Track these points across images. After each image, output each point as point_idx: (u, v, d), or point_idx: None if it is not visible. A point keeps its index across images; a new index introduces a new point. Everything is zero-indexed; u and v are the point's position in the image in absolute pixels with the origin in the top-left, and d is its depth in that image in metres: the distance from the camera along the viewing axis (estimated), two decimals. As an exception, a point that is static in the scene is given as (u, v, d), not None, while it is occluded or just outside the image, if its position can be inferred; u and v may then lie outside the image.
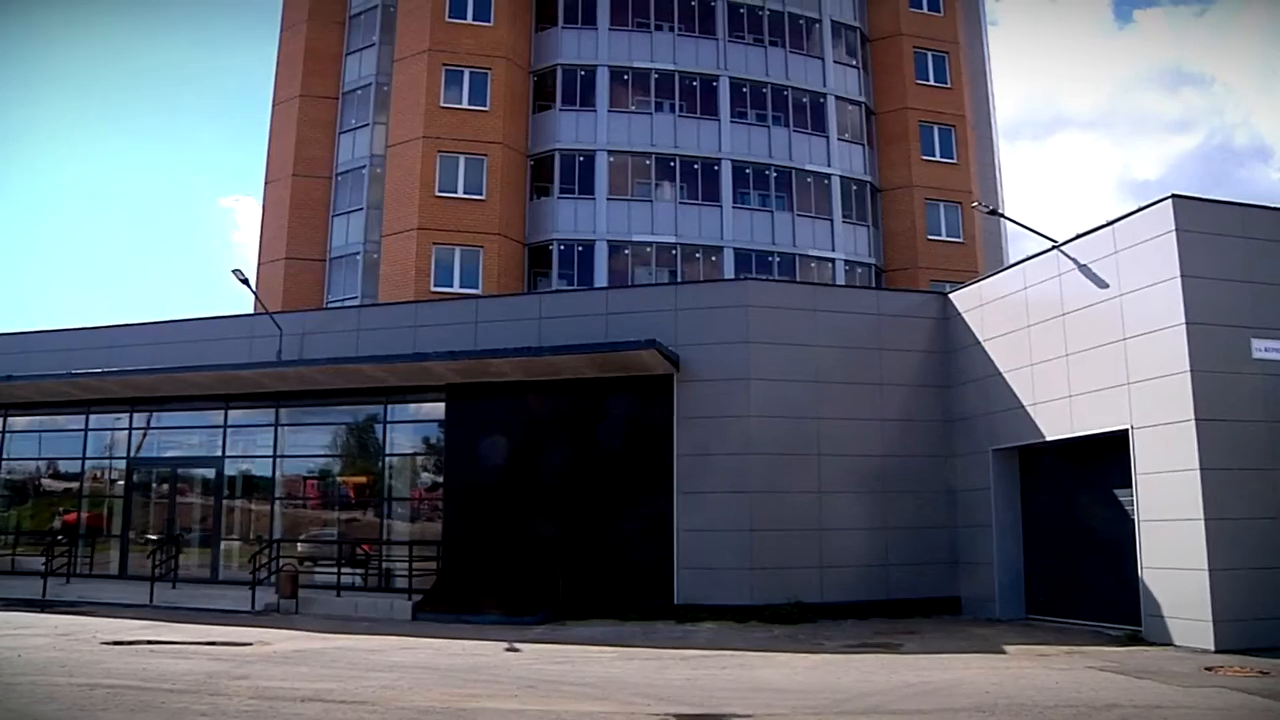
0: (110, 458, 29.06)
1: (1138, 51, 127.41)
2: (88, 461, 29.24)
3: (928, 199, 40.73)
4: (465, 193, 36.98)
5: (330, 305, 37.82)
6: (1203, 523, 16.32)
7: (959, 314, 23.93)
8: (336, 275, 39.14)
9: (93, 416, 29.04)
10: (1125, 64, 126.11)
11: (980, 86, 44.36)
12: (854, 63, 42.67)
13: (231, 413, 27.60)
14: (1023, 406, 21.33)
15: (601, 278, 37.22)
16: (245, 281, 27.92)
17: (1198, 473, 16.47)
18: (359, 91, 40.89)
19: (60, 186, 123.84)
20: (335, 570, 24.68)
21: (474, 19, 38.62)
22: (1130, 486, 18.08)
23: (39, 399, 29.05)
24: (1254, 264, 17.57)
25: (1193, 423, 16.65)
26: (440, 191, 36.75)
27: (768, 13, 41.57)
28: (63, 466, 29.95)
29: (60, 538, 28.06)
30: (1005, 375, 22.00)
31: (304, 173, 40.02)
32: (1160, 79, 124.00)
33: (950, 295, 24.63)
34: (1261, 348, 17.12)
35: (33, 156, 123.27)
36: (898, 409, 23.64)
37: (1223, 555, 16.25)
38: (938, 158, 41.46)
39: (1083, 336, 19.64)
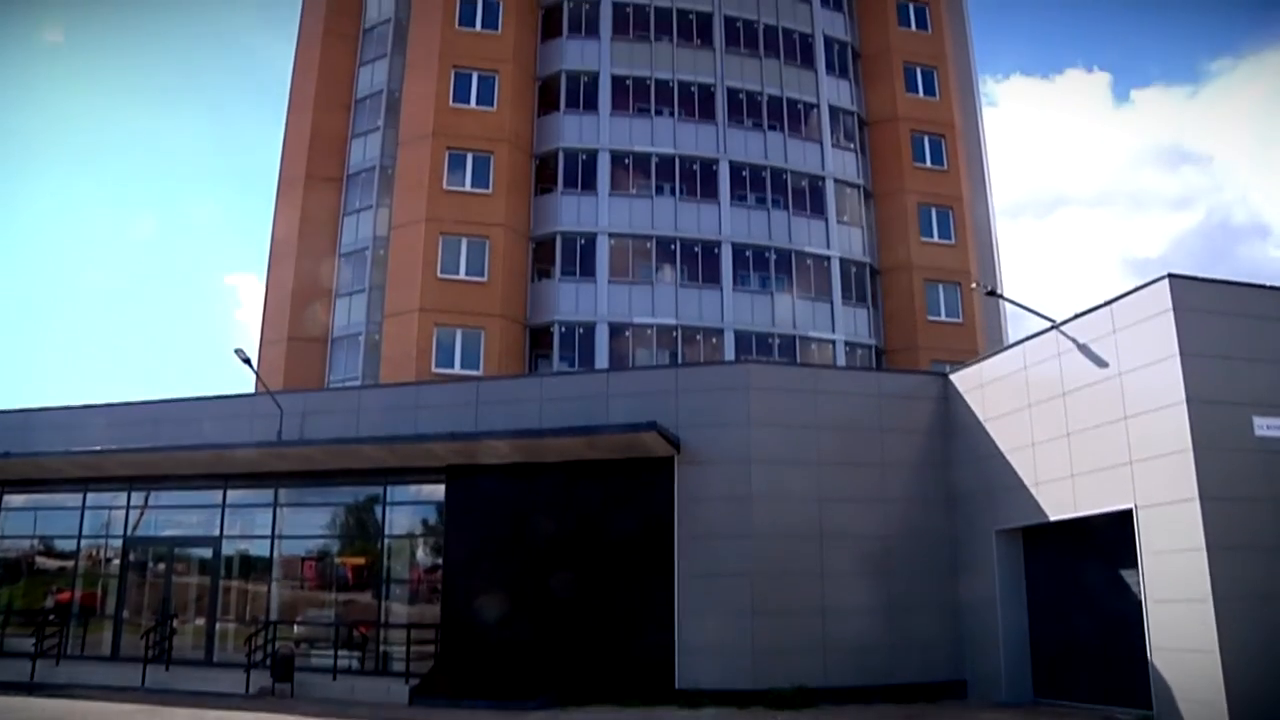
0: (106, 536, 28.76)
1: (1136, 130, 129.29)
2: (83, 540, 28.90)
3: (927, 280, 40.98)
4: (467, 274, 37.21)
5: (332, 385, 37.89)
6: (1212, 603, 16.10)
7: (960, 394, 23.91)
8: (338, 355, 39.25)
9: (90, 494, 28.84)
10: (1125, 142, 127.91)
11: (977, 167, 44.89)
12: (852, 146, 43.24)
13: (230, 492, 27.42)
14: (1025, 487, 21.21)
15: (602, 359, 37.28)
16: (247, 361, 27.95)
17: (1204, 552, 16.30)
18: (363, 174, 41.46)
19: (64, 261, 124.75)
20: (332, 653, 24.33)
21: (477, 103, 39.24)
22: (1137, 566, 17.90)
23: (36, 476, 28.87)
24: (1253, 342, 17.60)
25: (1197, 501, 16.52)
26: (442, 273, 36.99)
27: (766, 97, 42.22)
28: (58, 544, 29.61)
29: (52, 617, 27.71)
30: (1007, 455, 21.91)
31: (308, 253, 40.41)
32: (1159, 157, 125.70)
33: (951, 376, 24.62)
34: (1263, 425, 17.07)
35: (35, 230, 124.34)
36: (900, 490, 23.49)
37: (1234, 636, 16.01)
38: (936, 239, 41.81)
39: (1084, 416, 19.60)
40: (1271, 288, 18.37)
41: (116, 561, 28.46)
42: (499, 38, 40.33)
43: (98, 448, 26.48)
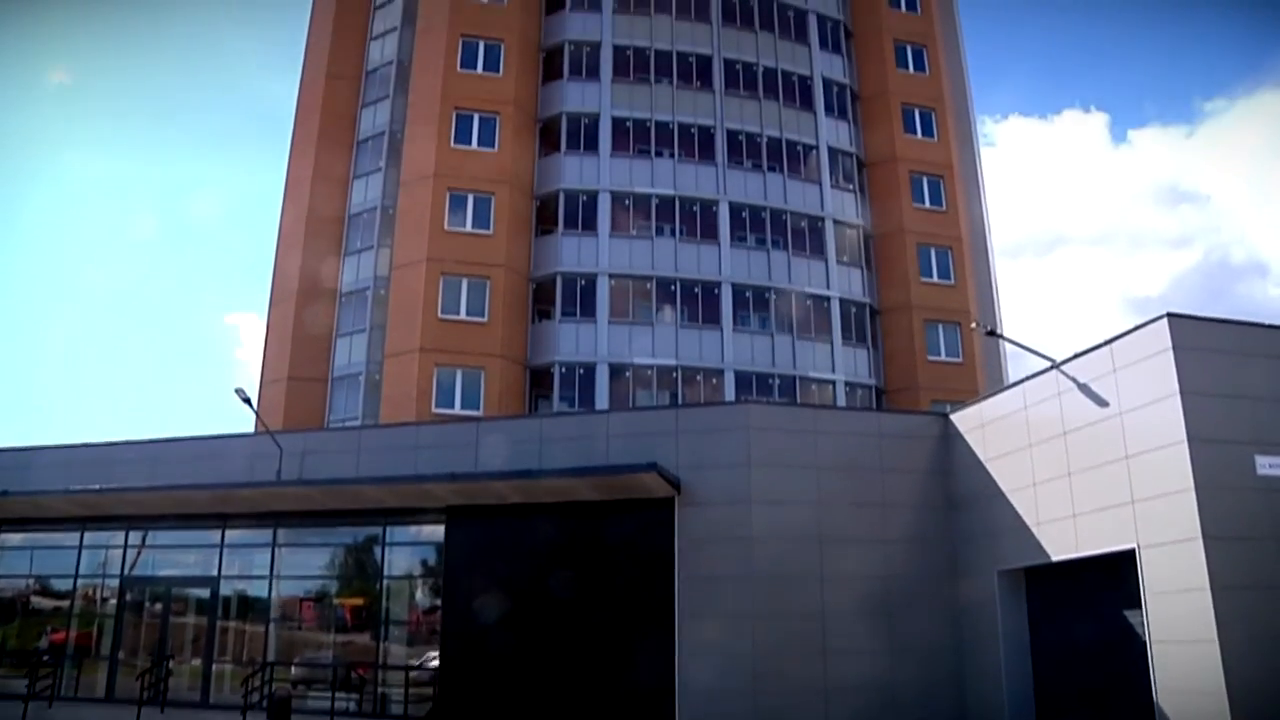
0: (103, 576, 28.64)
1: (1134, 170, 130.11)
2: (80, 579, 28.78)
3: (927, 320, 41.00)
4: (468, 315, 37.25)
5: (331, 425, 37.83)
6: (1218, 644, 15.98)
7: (960, 434, 23.87)
8: (338, 395, 39.23)
9: (88, 533, 28.73)
10: (1123, 182, 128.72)
11: (976, 207, 45.06)
12: (851, 187, 43.43)
13: (229, 532, 27.33)
14: (1027, 527, 21.12)
15: (603, 400, 37.24)
16: (247, 401, 27.95)
17: (1208, 592, 16.21)
18: (365, 214, 41.64)
19: (64, 299, 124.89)
20: (330, 695, 24.12)
21: (479, 145, 39.47)
22: (1141, 607, 17.78)
23: (34, 514, 28.78)
24: (1254, 380, 17.60)
25: (1200, 541, 16.45)
26: (443, 314, 37.02)
27: (766, 139, 42.46)
28: (53, 584, 29.45)
29: (46, 658, 27.49)
30: (1008, 495, 21.84)
31: (309, 293, 40.48)
32: (1158, 196, 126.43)
33: (951, 416, 24.58)
34: (1265, 464, 17.03)
35: (35, 268, 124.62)
36: (901, 530, 23.40)
37: (1241, 677, 15.87)
38: (935, 279, 41.87)
39: (1085, 455, 19.56)
40: (1271, 326, 18.39)
41: (113, 601, 28.33)
42: (500, 80, 40.63)
43: (96, 487, 26.42)
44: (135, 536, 28.38)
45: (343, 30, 45.31)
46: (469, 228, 38.37)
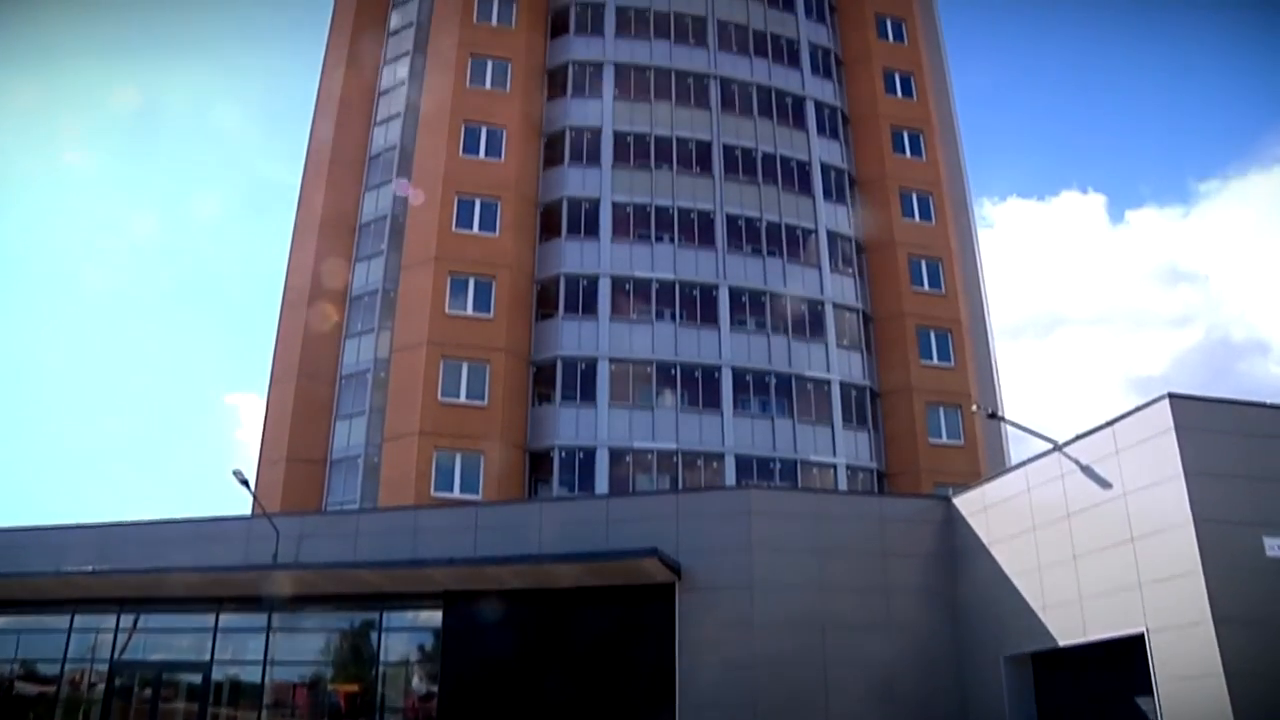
0: (92, 660, 28.07)
1: (1133, 250, 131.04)
2: (68, 664, 28.21)
3: (927, 403, 40.87)
4: (468, 398, 37.19)
5: (329, 508, 37.58)
6: (1232, 731, 15.67)
7: (963, 517, 23.69)
8: (337, 478, 39.01)
9: (78, 616, 28.23)
10: (1122, 262, 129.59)
11: (975, 289, 45.24)
12: (850, 271, 43.64)
13: (223, 616, 26.93)
14: (1033, 611, 20.84)
15: (603, 484, 37.00)
16: (245, 483, 27.74)
17: (1222, 678, 15.92)
18: (366, 297, 41.81)
19: (62, 376, 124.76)
20: (322, 785, 23.63)
21: (480, 229, 39.75)
22: (1153, 693, 17.45)
23: (23, 596, 28.35)
24: (1258, 461, 17.49)
25: (1211, 625, 16.19)
26: (443, 397, 36.96)
27: (765, 223, 42.78)
28: (40, 669, 28.88)
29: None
30: (1013, 579, 21.59)
31: (309, 375, 40.48)
32: (1157, 276, 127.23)
33: (954, 499, 24.44)
34: (1274, 546, 16.83)
35: (32, 340, 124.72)
36: (905, 615, 23.12)
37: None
38: (935, 362, 41.84)
39: (1090, 538, 19.37)
40: (1274, 406, 18.34)
41: (101, 686, 27.74)
42: (502, 165, 41.09)
43: (89, 568, 26.14)
44: (127, 619, 27.95)
45: (347, 115, 45.97)
46: (470, 311, 38.49)
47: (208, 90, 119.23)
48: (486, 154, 41.27)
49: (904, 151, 46.12)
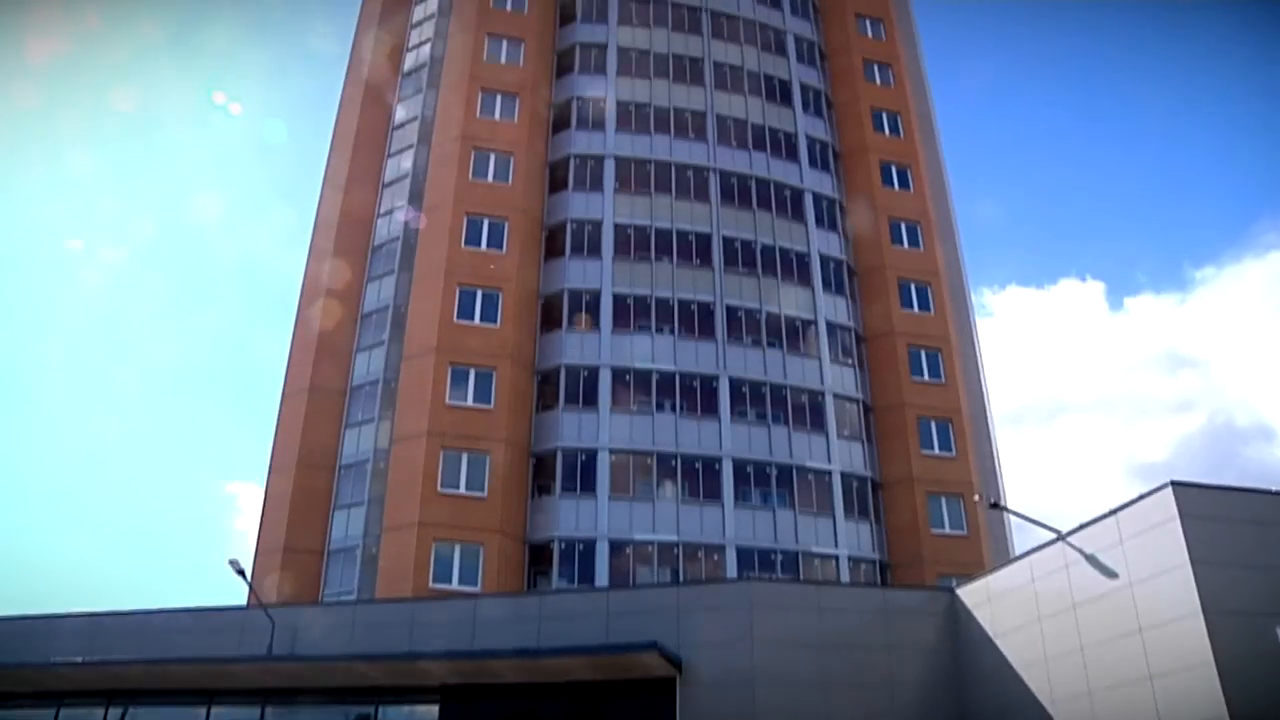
0: (80, 756, 27.46)
1: (1133, 336, 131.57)
2: (54, 761, 27.59)
3: (929, 493, 40.63)
4: (467, 489, 37.03)
5: (326, 599, 37.14)
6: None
7: (968, 609, 23.42)
8: (334, 568, 38.60)
9: (64, 710, 27.47)
10: (1123, 349, 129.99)
11: (975, 378, 45.28)
12: (850, 361, 43.73)
13: (215, 709, 26.35)
14: (1041, 704, 20.48)
15: (603, 577, 36.65)
16: (241, 573, 27.43)
17: (1239, 774, 15.59)
18: (366, 387, 41.79)
19: (61, 458, 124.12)
20: None
21: (481, 320, 39.94)
22: (1166, 790, 17.07)
23: (8, 689, 27.66)
24: (1267, 549, 17.32)
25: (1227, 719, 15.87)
26: (442, 488, 36.78)
27: (765, 315, 43.00)
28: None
29: None
30: (1020, 671, 21.25)
31: (308, 464, 40.30)
32: (1158, 362, 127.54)
33: (957, 590, 24.19)
34: (1286, 637, 16.59)
35: (31, 427, 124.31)
36: (910, 710, 22.75)
37: None
38: (937, 451, 41.68)
39: (1097, 629, 19.11)
40: (1278, 493, 18.22)
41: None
42: (503, 256, 41.46)
43: (78, 659, 25.67)
44: (115, 712, 27.30)
45: (350, 207, 46.45)
46: (470, 402, 38.51)
47: (218, 186, 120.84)
48: (488, 245, 41.68)
49: (901, 243, 46.60)
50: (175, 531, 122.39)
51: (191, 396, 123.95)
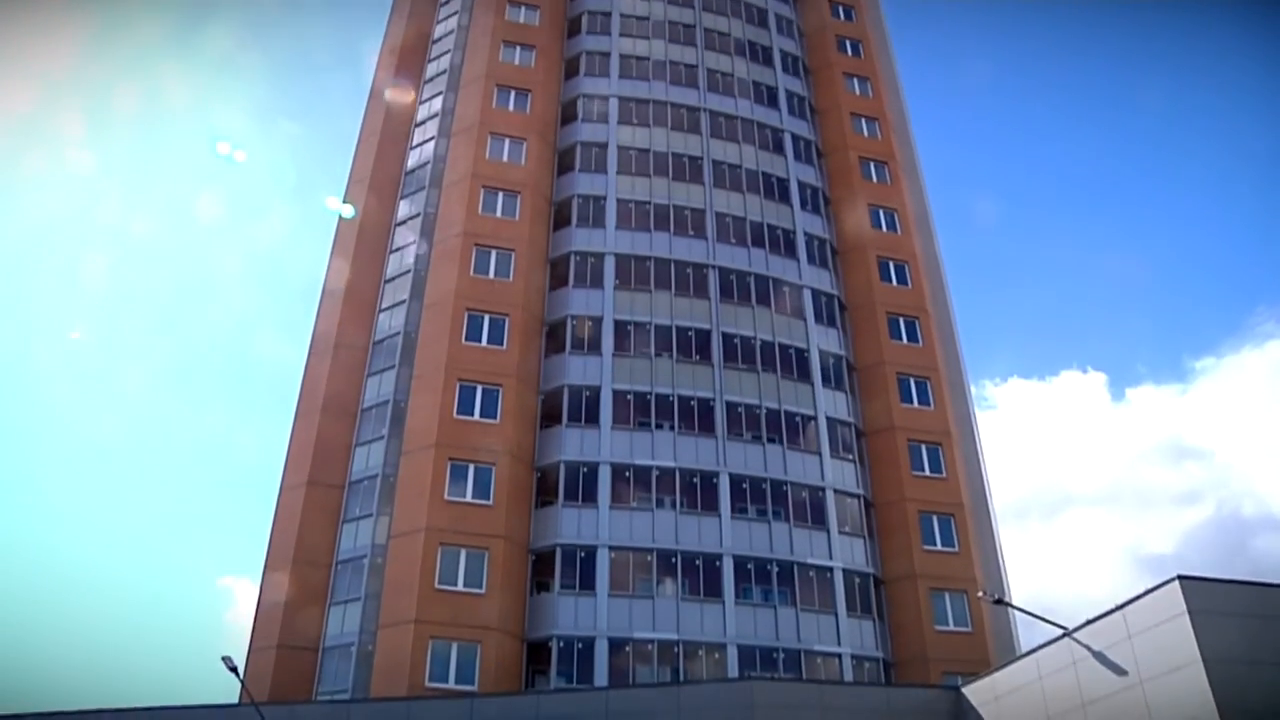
0: None
1: (1136, 427, 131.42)
2: None
3: (932, 589, 40.14)
4: (465, 586, 36.64)
5: (320, 697, 36.49)
6: None
7: (974, 708, 23.04)
8: (329, 665, 37.95)
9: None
10: (1126, 440, 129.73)
11: (976, 473, 45.09)
12: (851, 457, 43.61)
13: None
14: (1052, 808, 20.02)
15: (602, 676, 36.08)
16: (234, 670, 26.99)
17: None
18: (365, 481, 41.55)
19: (52, 557, 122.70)
20: None
21: (481, 415, 39.92)
22: None
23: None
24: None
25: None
26: (440, 584, 36.39)
27: (765, 411, 43.00)
28: None
29: None
30: (1029, 772, 20.81)
31: (304, 560, 39.81)
32: (1161, 453, 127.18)
33: (963, 689, 23.85)
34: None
35: (29, 521, 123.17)
36: (917, 813, 22.19)
37: None
38: (939, 547, 41.30)
39: (1108, 728, 18.74)
40: (1288, 587, 18.01)
41: None
42: (504, 353, 41.59)
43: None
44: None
45: (352, 303, 46.70)
46: (469, 498, 38.30)
47: (222, 280, 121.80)
48: (489, 340, 41.85)
49: (900, 338, 46.83)
50: (167, 626, 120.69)
51: (187, 487, 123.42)
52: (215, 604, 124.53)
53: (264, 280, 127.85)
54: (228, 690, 42.61)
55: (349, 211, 48.50)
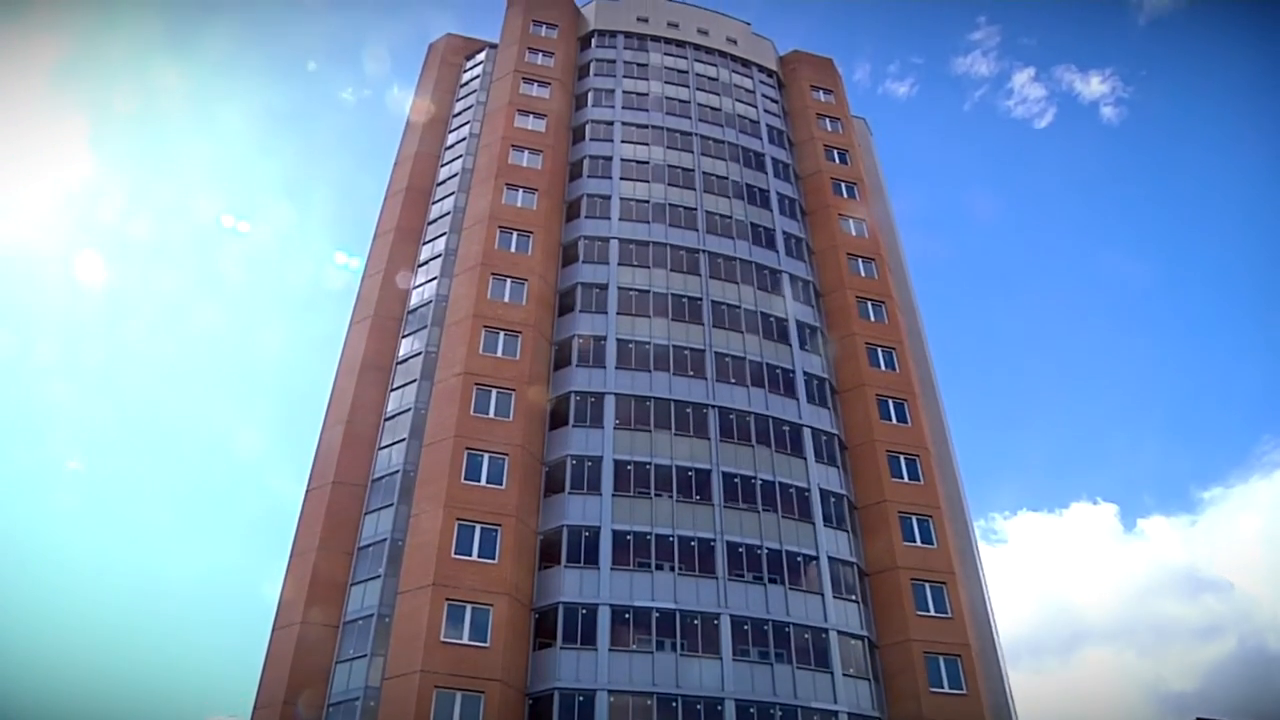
0: None
1: (1149, 559, 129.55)
2: None
3: (946, 739, 39.16)
4: (457, 739, 35.75)
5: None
6: None
7: None
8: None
9: None
10: (1140, 571, 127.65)
11: (982, 611, 44.51)
12: (854, 597, 43.04)
13: None
14: None
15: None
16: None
17: None
18: (360, 621, 40.83)
19: (49, 684, 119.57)
20: None
21: (479, 555, 39.44)
22: None
23: None
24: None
25: None
26: (434, 733, 35.48)
27: (766, 550, 42.62)
28: None
29: None
30: None
31: (295, 701, 38.86)
32: (1176, 585, 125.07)
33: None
34: None
35: (31, 627, 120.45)
36: None
37: None
38: (946, 689, 40.37)
39: None
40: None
41: None
42: (503, 492, 41.37)
43: None
44: None
45: (351, 440, 46.74)
46: (466, 639, 37.57)
47: (223, 413, 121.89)
48: (488, 481, 41.63)
49: (901, 475, 46.75)
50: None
51: (181, 628, 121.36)
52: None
53: (268, 416, 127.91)
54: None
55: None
